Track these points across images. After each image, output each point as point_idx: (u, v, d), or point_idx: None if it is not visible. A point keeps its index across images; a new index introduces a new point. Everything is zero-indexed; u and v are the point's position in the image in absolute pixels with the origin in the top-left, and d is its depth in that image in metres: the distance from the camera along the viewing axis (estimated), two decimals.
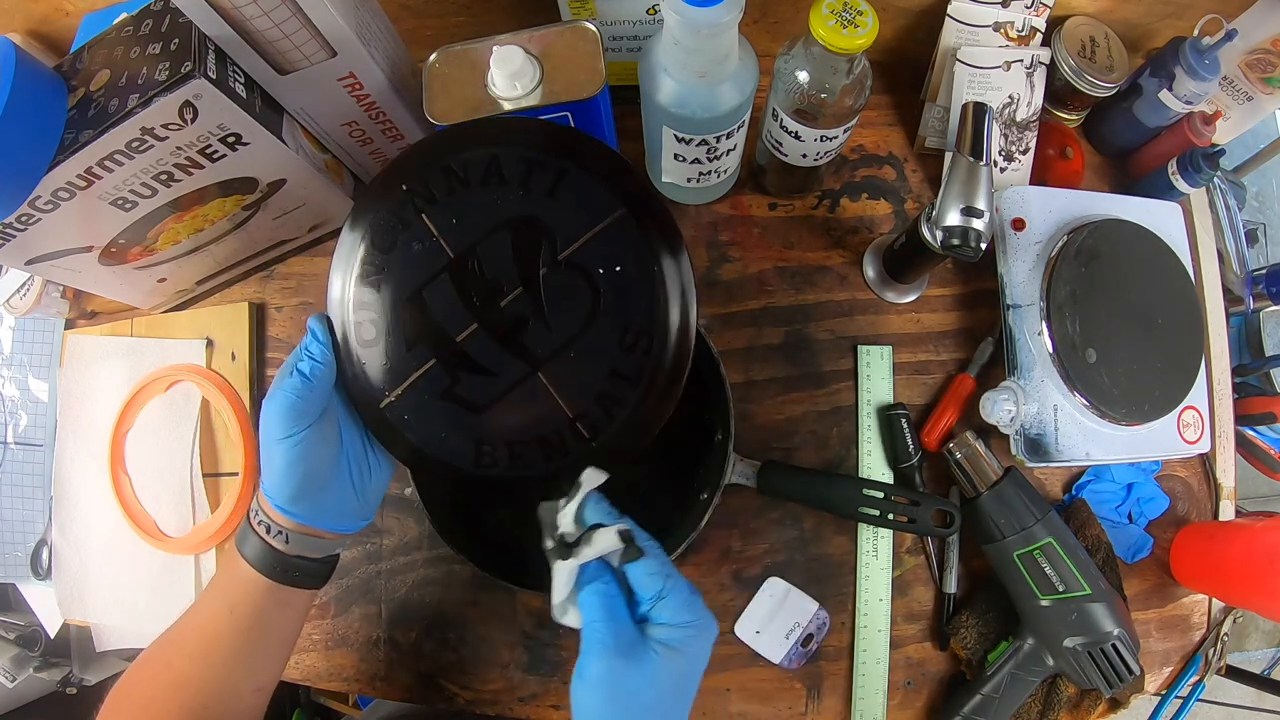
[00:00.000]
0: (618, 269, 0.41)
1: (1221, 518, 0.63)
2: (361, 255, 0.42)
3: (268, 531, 0.42)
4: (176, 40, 0.43)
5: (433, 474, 0.44)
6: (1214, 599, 0.61)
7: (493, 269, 0.41)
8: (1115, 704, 0.56)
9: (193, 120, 0.44)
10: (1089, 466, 0.61)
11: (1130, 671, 0.50)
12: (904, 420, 0.58)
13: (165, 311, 0.65)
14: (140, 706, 0.42)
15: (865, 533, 0.58)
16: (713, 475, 0.54)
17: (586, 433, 0.41)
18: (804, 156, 0.55)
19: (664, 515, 0.55)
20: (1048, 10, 0.60)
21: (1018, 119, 0.61)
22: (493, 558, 0.52)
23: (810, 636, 0.56)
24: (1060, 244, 0.56)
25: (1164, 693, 0.60)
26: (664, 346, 0.41)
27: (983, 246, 0.48)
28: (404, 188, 0.41)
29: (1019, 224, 0.58)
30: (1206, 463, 0.63)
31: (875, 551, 0.58)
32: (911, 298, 0.63)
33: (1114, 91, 0.62)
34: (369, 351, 0.42)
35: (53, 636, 0.66)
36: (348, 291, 0.42)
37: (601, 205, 0.41)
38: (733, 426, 0.53)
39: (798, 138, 0.53)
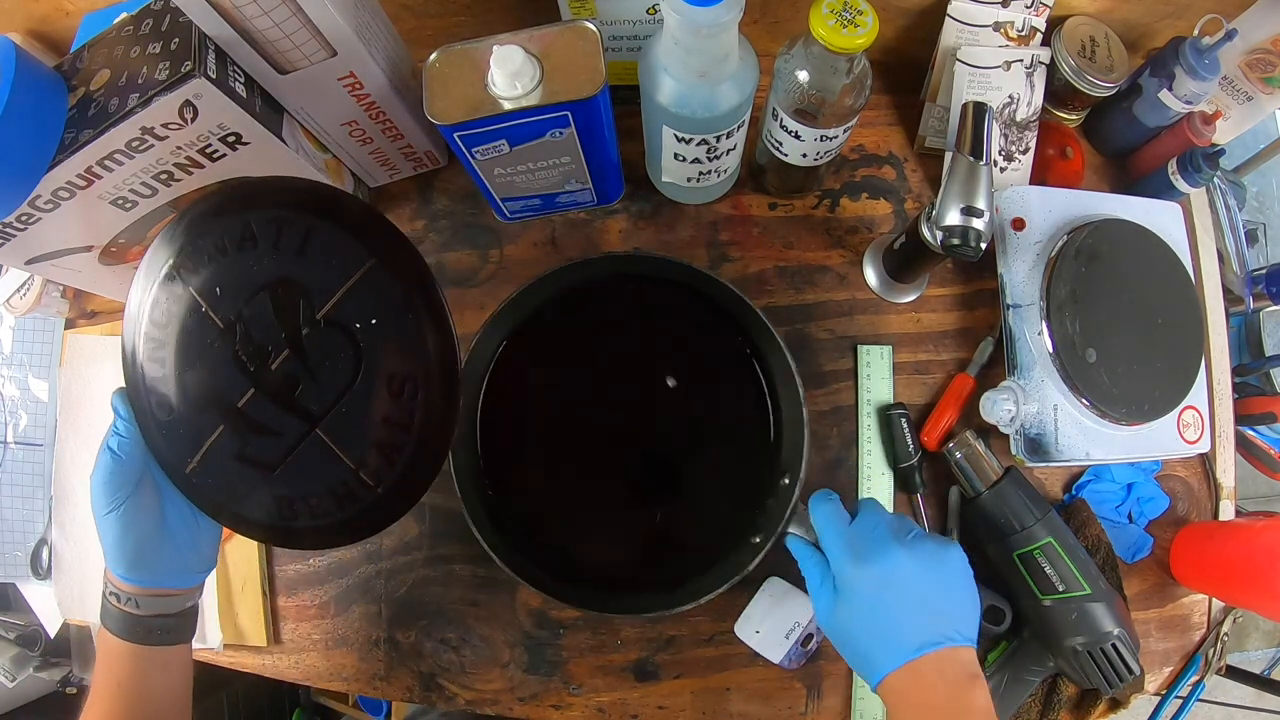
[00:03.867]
0: (374, 321, 0.41)
1: (1221, 518, 0.63)
2: (145, 331, 0.43)
3: (119, 600, 0.44)
4: (176, 40, 0.43)
5: (245, 529, 0.46)
6: (1214, 599, 0.61)
7: (260, 333, 0.41)
8: (1115, 704, 0.56)
9: (193, 120, 0.44)
10: (1089, 466, 0.61)
11: (1130, 671, 0.50)
12: (904, 420, 0.58)
13: None
14: None
15: None
16: (770, 520, 0.52)
17: (371, 480, 0.42)
18: (804, 156, 0.55)
19: (711, 549, 0.55)
20: (1048, 10, 0.60)
21: (1018, 119, 0.61)
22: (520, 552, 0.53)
23: (810, 636, 0.56)
24: (1060, 244, 0.56)
25: (1164, 693, 0.60)
26: (430, 388, 0.41)
27: (983, 246, 0.48)
28: (169, 262, 0.42)
29: (1019, 224, 0.58)
30: (1206, 463, 0.63)
31: None
32: (911, 298, 0.63)
33: (1114, 91, 0.62)
34: (167, 423, 0.43)
35: (53, 636, 0.66)
36: (141, 367, 0.43)
37: (350, 258, 0.41)
38: (803, 472, 0.51)
39: (798, 137, 0.53)
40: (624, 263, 0.57)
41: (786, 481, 0.53)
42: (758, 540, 0.51)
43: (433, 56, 0.48)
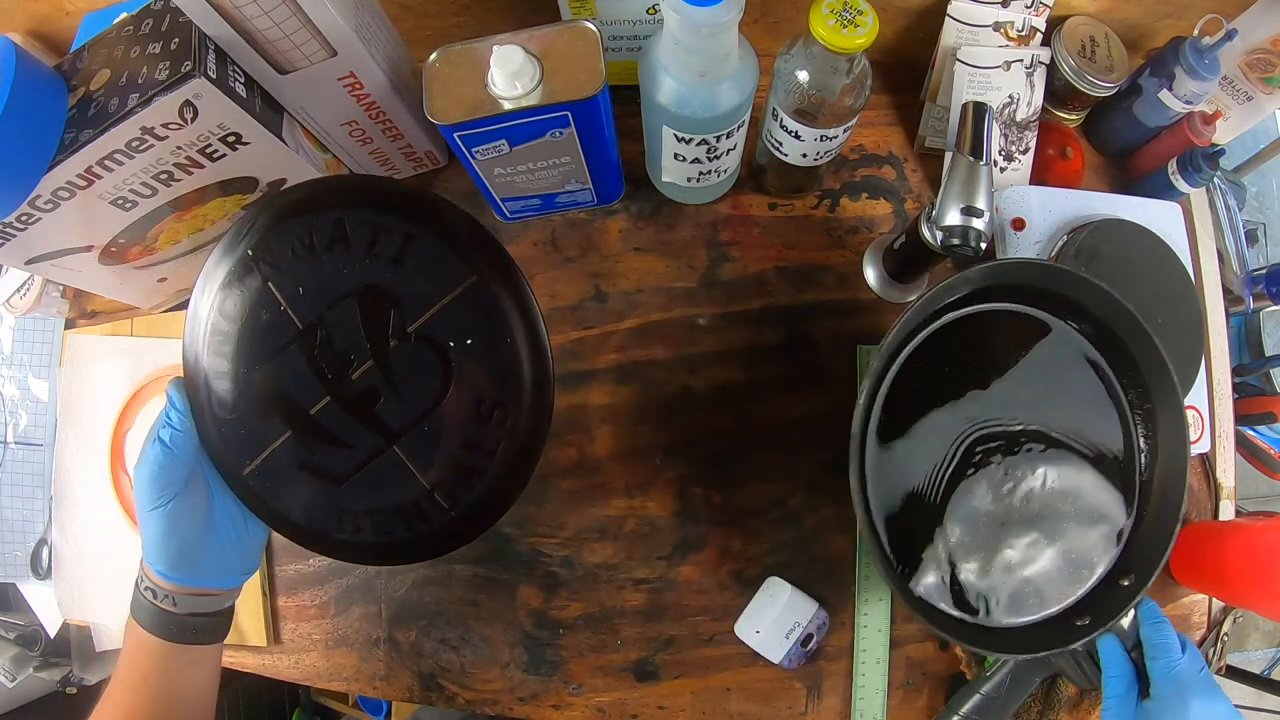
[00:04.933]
0: (469, 341, 0.39)
1: (1221, 518, 0.63)
2: (212, 323, 0.40)
3: (155, 597, 0.42)
4: (176, 39, 0.43)
5: (300, 539, 0.44)
6: (1214, 599, 0.61)
7: (342, 340, 0.40)
8: None
9: (193, 120, 0.44)
10: None
11: None
12: None
13: (165, 311, 0.65)
14: None
15: None
16: (1097, 608, 0.47)
17: (445, 503, 0.41)
18: (804, 156, 0.55)
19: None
20: (1048, 10, 0.60)
21: (1018, 119, 0.61)
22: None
23: (810, 636, 0.56)
24: (1060, 244, 0.56)
25: None
26: (519, 415, 0.40)
27: (983, 246, 0.48)
28: (249, 252, 0.40)
29: (1019, 224, 0.58)
30: (1206, 463, 0.63)
31: None
32: (911, 298, 0.62)
33: (1114, 91, 0.62)
34: (229, 420, 0.41)
35: (53, 636, 0.66)
36: (202, 360, 0.41)
37: (451, 273, 0.39)
38: (1157, 573, 0.46)
39: (798, 137, 0.53)
40: (1038, 274, 0.49)
41: (1128, 584, 0.47)
42: (1080, 625, 0.47)
43: (433, 56, 0.48)
